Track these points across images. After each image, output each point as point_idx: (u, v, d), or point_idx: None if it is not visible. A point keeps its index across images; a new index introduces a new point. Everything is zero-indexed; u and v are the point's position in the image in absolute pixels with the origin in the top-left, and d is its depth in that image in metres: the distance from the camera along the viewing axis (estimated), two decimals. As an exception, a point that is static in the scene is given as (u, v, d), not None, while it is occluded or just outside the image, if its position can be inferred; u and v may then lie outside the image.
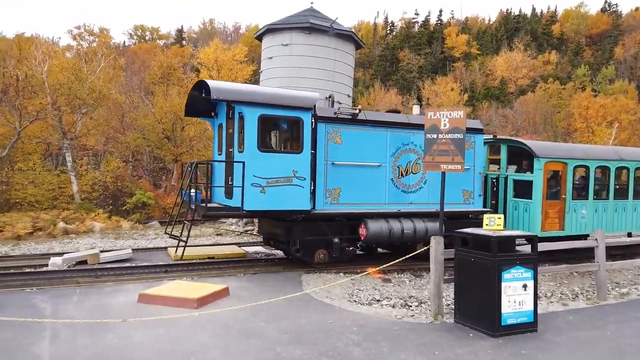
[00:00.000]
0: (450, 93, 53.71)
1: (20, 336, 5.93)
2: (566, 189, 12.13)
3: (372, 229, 10.32)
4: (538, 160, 11.74)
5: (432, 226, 10.87)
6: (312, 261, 10.36)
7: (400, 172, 11.11)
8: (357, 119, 10.62)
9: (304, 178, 9.76)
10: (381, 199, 10.87)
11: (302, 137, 9.80)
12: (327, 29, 19.14)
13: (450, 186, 11.42)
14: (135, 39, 72.13)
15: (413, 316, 7.49)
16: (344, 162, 10.38)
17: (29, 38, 30.50)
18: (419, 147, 11.13)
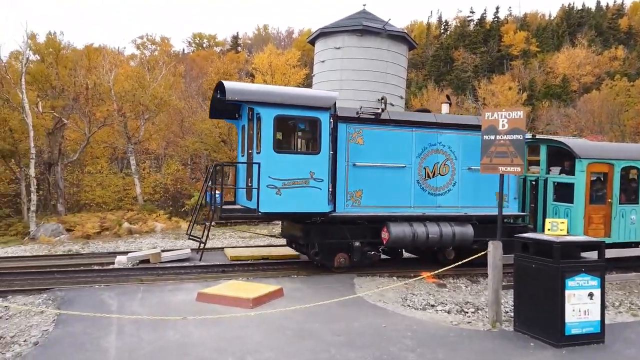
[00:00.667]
0: (508, 92, 51.83)
1: (90, 330, 6.31)
2: (612, 193, 11.25)
3: (395, 233, 9.97)
4: (580, 161, 10.93)
5: (460, 231, 10.43)
6: (332, 265, 10.17)
7: (427, 173, 10.67)
8: (380, 119, 10.31)
9: (321, 180, 9.54)
10: (406, 201, 10.50)
11: (320, 138, 9.58)
12: (380, 31, 19.03)
13: (483, 189, 10.93)
14: (193, 46, 74.84)
15: (470, 323, 7.30)
16: (366, 163, 10.12)
17: (97, 48, 32.43)
18: (448, 147, 10.83)
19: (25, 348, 5.81)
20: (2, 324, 6.98)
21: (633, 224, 11.54)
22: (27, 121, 22.52)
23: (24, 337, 6.22)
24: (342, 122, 10.01)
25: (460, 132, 10.94)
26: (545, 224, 6.79)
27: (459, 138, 10.94)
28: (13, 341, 6.12)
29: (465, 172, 10.94)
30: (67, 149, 28.12)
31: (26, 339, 6.11)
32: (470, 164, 10.92)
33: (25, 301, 7.98)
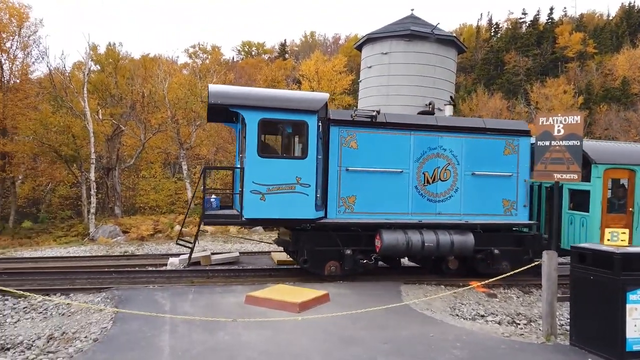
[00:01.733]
0: (563, 96, 49.78)
1: (145, 328, 6.57)
2: (635, 201, 10.39)
3: (387, 241, 9.58)
4: (596, 166, 10.14)
5: (460, 239, 9.91)
6: (323, 273, 9.82)
7: (427, 179, 10.20)
8: (376, 122, 9.94)
9: (308, 185, 9.18)
10: (403, 208, 10.08)
11: (307, 142, 9.24)
12: (428, 35, 18.84)
13: (488, 195, 10.44)
14: (242, 54, 76.60)
15: (522, 335, 7.05)
16: (360, 168, 9.79)
17: (153, 58, 33.87)
18: (449, 151, 10.33)
19: (85, 344, 6.13)
20: (64, 320, 7.39)
21: None
22: (89, 128, 23.83)
23: (84, 333, 6.56)
24: (335, 126, 9.73)
25: (464, 136, 10.42)
26: (605, 233, 6.47)
27: (462, 142, 10.41)
28: (75, 337, 6.47)
29: (469, 177, 10.40)
30: (124, 154, 29.50)
31: (86, 335, 6.44)
32: (474, 169, 10.43)
33: (86, 299, 8.42)
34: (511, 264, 10.33)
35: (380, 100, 19.39)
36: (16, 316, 7.77)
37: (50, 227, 28.30)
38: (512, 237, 10.72)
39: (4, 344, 6.31)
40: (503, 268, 10.26)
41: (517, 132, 10.72)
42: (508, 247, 10.59)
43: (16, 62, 30.08)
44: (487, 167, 10.45)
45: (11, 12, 29.53)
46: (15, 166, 28.78)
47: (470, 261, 10.54)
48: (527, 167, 10.65)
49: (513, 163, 10.58)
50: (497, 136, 10.55)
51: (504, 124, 11.48)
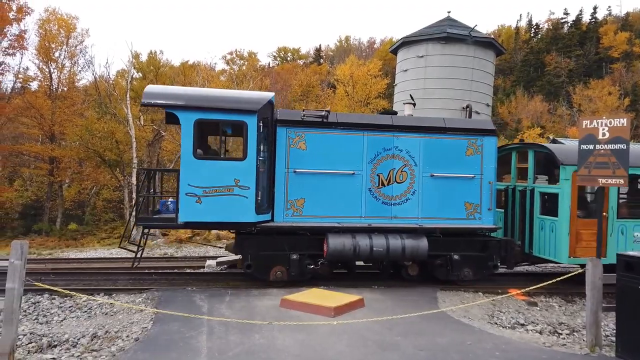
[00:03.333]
0: (608, 98, 47.90)
1: (183, 329, 6.73)
2: (609, 205, 9.74)
3: (333, 245, 9.20)
4: (564, 168, 9.60)
5: (412, 244, 9.44)
6: (268, 279, 9.44)
7: (381, 181, 9.77)
8: (326, 122, 9.58)
9: (247, 187, 8.82)
10: (356, 211, 9.70)
11: (247, 143, 8.89)
12: (465, 37, 18.55)
13: (449, 197, 9.96)
14: (278, 60, 77.52)
15: (565, 345, 6.81)
16: (309, 169, 9.46)
17: (192, 65, 34.73)
18: (406, 152, 9.87)
19: (127, 343, 6.32)
20: (107, 319, 7.65)
21: (637, 242, 9.82)
22: (131, 133, 24.67)
23: (126, 332, 6.77)
24: (282, 126, 9.46)
25: (422, 136, 9.95)
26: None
27: (420, 142, 9.94)
28: (117, 336, 6.69)
29: (428, 179, 9.94)
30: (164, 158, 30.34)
31: (128, 335, 6.65)
32: (434, 170, 9.95)
33: (128, 299, 8.70)
34: (474, 270, 9.97)
35: (417, 103, 19.20)
36: (62, 315, 8.11)
37: (94, 229, 29.42)
38: (475, 242, 10.13)
39: (51, 341, 6.59)
40: (464, 275, 9.90)
41: (480, 131, 10.17)
42: (470, 253, 10.02)
43: (64, 71, 31.51)
44: (447, 169, 9.97)
45: (60, 23, 30.98)
46: (62, 170, 30.14)
47: (431, 267, 10.10)
48: (492, 169, 10.15)
49: (476, 164, 10.05)
50: (459, 136, 10.05)
51: (466, 122, 10.95)
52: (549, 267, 13.14)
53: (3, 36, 28.61)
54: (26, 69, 34.58)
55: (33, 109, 28.70)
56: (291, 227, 9.49)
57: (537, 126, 45.85)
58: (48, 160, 29.79)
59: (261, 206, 9.15)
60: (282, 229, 9.46)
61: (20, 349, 6.24)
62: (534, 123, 48.89)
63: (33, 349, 6.35)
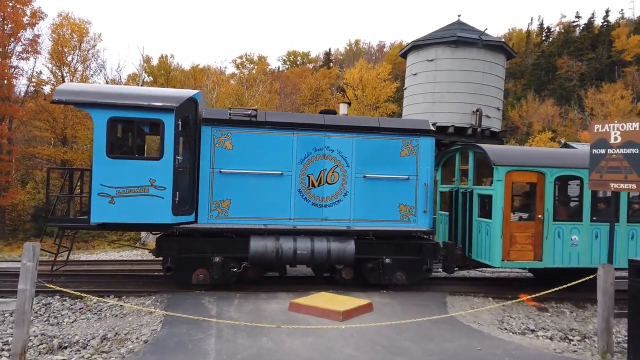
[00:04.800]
0: (620, 102, 47.44)
1: (192, 332, 6.75)
2: (544, 207, 9.53)
3: (255, 248, 9.02)
4: (497, 169, 9.35)
5: (338, 247, 9.22)
6: (190, 282, 9.19)
7: (312, 182, 9.52)
8: (254, 121, 9.36)
9: (163, 188, 8.57)
10: (284, 213, 9.46)
11: (164, 142, 8.66)
12: (475, 41, 18.48)
13: (382, 199, 9.69)
14: (288, 64, 77.81)
15: (576, 352, 6.74)
16: (235, 170, 9.25)
17: (202, 69, 34.99)
18: (337, 152, 9.63)
19: (137, 345, 6.37)
20: (117, 321, 7.71)
21: (575, 245, 9.57)
22: (141, 137, 24.77)
23: (135, 334, 6.82)
24: (207, 125, 9.24)
25: (354, 135, 9.72)
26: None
27: (353, 142, 9.71)
28: (127, 338, 6.73)
29: (360, 180, 9.69)
30: (174, 162, 30.49)
31: (137, 337, 6.69)
32: (367, 171, 9.72)
33: (137, 302, 8.75)
34: (407, 274, 9.73)
35: (426, 107, 19.15)
36: (73, 316, 8.18)
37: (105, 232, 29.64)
38: (409, 245, 9.85)
39: (62, 342, 6.65)
40: (397, 279, 9.68)
41: (416, 131, 9.91)
42: (404, 257, 9.77)
43: (76, 75, 31.89)
44: (381, 170, 9.73)
45: (72, 27, 31.38)
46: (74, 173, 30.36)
47: (364, 271, 9.82)
48: (428, 170, 9.90)
49: (411, 165, 9.81)
50: (393, 136, 9.81)
51: (402, 122, 10.71)
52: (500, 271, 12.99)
53: (17, 40, 29.06)
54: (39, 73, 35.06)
55: (46, 112, 29.09)
56: (215, 229, 9.23)
57: (548, 130, 45.51)
58: (60, 163, 30.13)
59: (180, 207, 8.90)
60: (206, 231, 9.21)
61: (32, 349, 6.31)
62: (545, 127, 48.53)
63: (44, 350, 6.41)
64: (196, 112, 9.29)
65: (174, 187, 8.68)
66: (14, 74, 29.21)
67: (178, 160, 8.82)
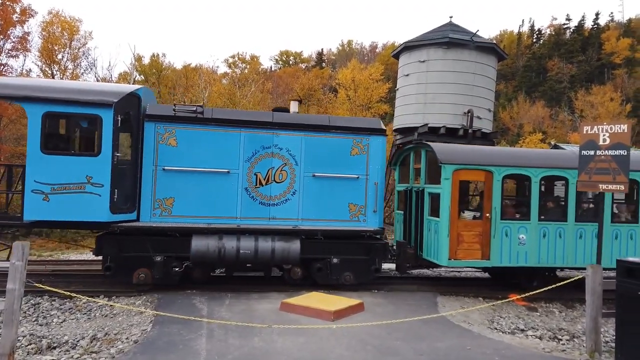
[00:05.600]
0: (609, 104, 47.95)
1: (183, 331, 6.73)
2: (492, 206, 9.51)
3: (196, 247, 8.89)
4: (444, 167, 9.32)
5: (282, 246, 9.12)
6: (131, 282, 9.01)
7: (259, 180, 9.43)
8: (200, 118, 9.23)
9: (101, 185, 8.36)
10: (230, 211, 9.34)
11: (101, 138, 8.43)
12: (467, 43, 18.59)
13: (332, 198, 9.64)
14: (280, 63, 77.69)
15: (564, 351, 6.80)
16: (179, 167, 9.11)
17: (194, 68, 34.85)
18: (286, 150, 9.56)
19: (127, 345, 6.33)
20: (107, 321, 7.66)
21: (522, 244, 9.58)
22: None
23: (125, 335, 6.78)
24: (151, 121, 9.07)
25: (303, 134, 9.64)
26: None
27: (302, 140, 9.64)
28: (116, 338, 6.69)
29: (309, 179, 9.62)
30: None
31: (128, 337, 6.65)
32: (316, 170, 9.64)
33: (127, 302, 8.69)
34: (355, 274, 9.66)
35: (418, 108, 19.23)
36: (62, 316, 8.11)
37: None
38: (358, 245, 9.74)
39: (51, 343, 6.59)
40: (345, 279, 9.59)
41: (367, 130, 9.85)
42: (352, 256, 9.69)
43: (66, 73, 31.64)
44: (330, 169, 9.67)
45: (63, 25, 31.12)
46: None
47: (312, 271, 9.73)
48: (379, 169, 9.86)
49: (362, 164, 9.76)
50: (343, 135, 9.75)
51: (352, 121, 10.69)
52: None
53: (7, 38, 28.76)
54: (29, 71, 34.69)
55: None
56: (157, 228, 9.04)
57: (539, 132, 45.87)
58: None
59: (120, 205, 8.71)
60: (148, 230, 9.03)
61: (20, 350, 6.25)
62: (535, 128, 48.92)
63: (33, 350, 6.35)
64: (139, 108, 9.11)
65: (112, 185, 8.48)
66: (3, 71, 28.92)
67: (117, 157, 8.62)
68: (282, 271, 9.99)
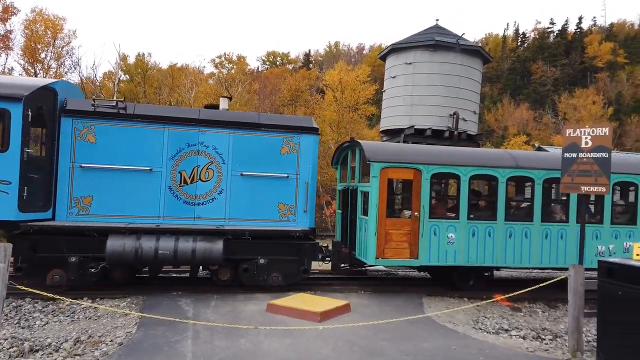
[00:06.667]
0: (592, 107, 48.81)
1: (168, 334, 6.68)
2: (420, 204, 9.43)
3: (111, 247, 8.52)
4: (372, 165, 9.22)
5: (203, 247, 8.80)
6: (44, 283, 8.62)
7: (184, 179, 9.20)
8: (121, 114, 8.94)
9: (8, 182, 8.02)
10: (153, 211, 9.10)
11: (9, 133, 8.07)
12: (453, 45, 18.78)
13: (261, 198, 9.47)
14: (267, 64, 77.55)
15: (547, 350, 6.90)
16: (98, 165, 8.83)
17: (180, 68, 34.61)
18: (213, 148, 9.36)
19: (111, 347, 6.26)
20: (91, 324, 7.56)
21: (451, 243, 9.53)
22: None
23: (110, 337, 6.70)
24: (68, 116, 8.77)
25: (232, 131, 9.44)
26: (635, 248, 6.31)
27: (229, 138, 9.44)
28: (101, 340, 6.61)
29: (237, 178, 9.45)
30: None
31: (112, 339, 6.58)
32: (244, 169, 9.47)
33: (112, 304, 8.59)
34: (283, 275, 9.46)
35: (404, 110, 19.37)
36: (45, 319, 7.98)
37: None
38: (287, 245, 9.52)
39: (33, 346, 6.49)
40: (273, 280, 9.39)
41: (297, 129, 9.67)
42: (280, 257, 9.46)
43: (50, 72, 31.19)
44: (259, 167, 9.50)
45: (46, 24, 30.68)
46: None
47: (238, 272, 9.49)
48: (310, 168, 9.69)
49: (292, 163, 9.60)
50: (273, 133, 9.58)
51: (283, 119, 10.61)
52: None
53: (-12, 36, 28.26)
54: (11, 70, 34.14)
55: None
56: (72, 227, 8.69)
57: (523, 134, 46.45)
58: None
59: (31, 203, 8.40)
60: (63, 229, 8.66)
61: (2, 353, 6.14)
62: (520, 131, 49.54)
63: (15, 353, 6.24)
64: (55, 102, 8.79)
65: (21, 182, 8.12)
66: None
67: (27, 153, 8.30)
68: (210, 272, 9.72)
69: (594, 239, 10.17)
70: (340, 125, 31.79)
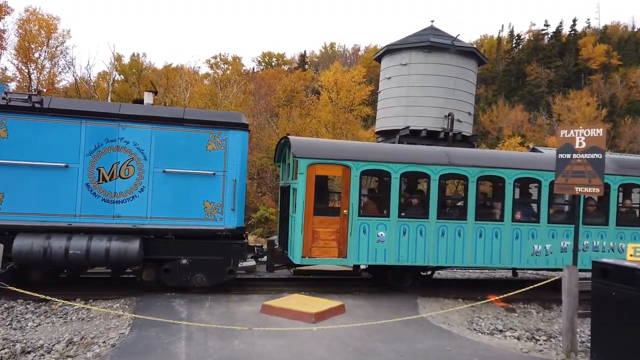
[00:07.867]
0: (586, 108, 49.11)
1: (161, 335, 6.64)
2: (349, 202, 9.18)
3: (18, 247, 8.22)
4: (299, 161, 8.99)
5: (118, 247, 8.50)
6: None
7: (102, 176, 8.83)
8: (35, 107, 8.60)
9: None
10: (69, 209, 8.69)
11: None
12: (448, 47, 18.81)
13: (185, 196, 9.14)
14: (263, 65, 77.48)
15: (541, 351, 6.91)
16: (9, 160, 8.49)
17: (175, 68, 34.52)
18: (133, 144, 8.99)
19: (104, 349, 6.21)
20: (84, 325, 7.51)
21: (381, 242, 9.29)
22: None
23: (103, 338, 6.65)
24: None
25: (154, 127, 9.11)
26: (628, 249, 6.33)
27: (151, 134, 9.08)
28: (93, 342, 6.56)
29: (160, 175, 9.08)
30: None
31: (105, 341, 6.53)
32: (167, 165, 9.10)
33: (105, 305, 8.54)
34: (208, 276, 9.22)
35: (400, 111, 19.39)
36: (37, 320, 7.92)
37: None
38: (213, 245, 9.28)
39: (25, 347, 6.44)
40: (197, 281, 9.17)
41: (225, 124, 9.35)
42: (205, 257, 9.21)
43: (44, 72, 31.01)
44: (183, 164, 9.15)
45: (40, 23, 30.50)
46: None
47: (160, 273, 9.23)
48: (238, 165, 9.39)
49: (219, 160, 9.26)
50: (199, 129, 9.24)
51: (209, 115, 10.30)
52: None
53: (-19, 35, 28.07)
54: (4, 69, 33.94)
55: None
56: None
57: (517, 135, 46.64)
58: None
59: None
60: None
61: (-7, 355, 6.09)
62: (514, 132, 49.74)
63: (6, 355, 6.19)
64: None
65: None
66: (-23, 69, 28.23)
67: None
68: (134, 273, 9.47)
69: (529, 238, 10.00)
70: (336, 127, 31.80)
